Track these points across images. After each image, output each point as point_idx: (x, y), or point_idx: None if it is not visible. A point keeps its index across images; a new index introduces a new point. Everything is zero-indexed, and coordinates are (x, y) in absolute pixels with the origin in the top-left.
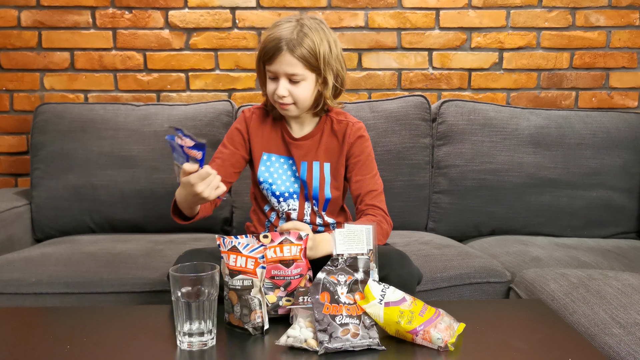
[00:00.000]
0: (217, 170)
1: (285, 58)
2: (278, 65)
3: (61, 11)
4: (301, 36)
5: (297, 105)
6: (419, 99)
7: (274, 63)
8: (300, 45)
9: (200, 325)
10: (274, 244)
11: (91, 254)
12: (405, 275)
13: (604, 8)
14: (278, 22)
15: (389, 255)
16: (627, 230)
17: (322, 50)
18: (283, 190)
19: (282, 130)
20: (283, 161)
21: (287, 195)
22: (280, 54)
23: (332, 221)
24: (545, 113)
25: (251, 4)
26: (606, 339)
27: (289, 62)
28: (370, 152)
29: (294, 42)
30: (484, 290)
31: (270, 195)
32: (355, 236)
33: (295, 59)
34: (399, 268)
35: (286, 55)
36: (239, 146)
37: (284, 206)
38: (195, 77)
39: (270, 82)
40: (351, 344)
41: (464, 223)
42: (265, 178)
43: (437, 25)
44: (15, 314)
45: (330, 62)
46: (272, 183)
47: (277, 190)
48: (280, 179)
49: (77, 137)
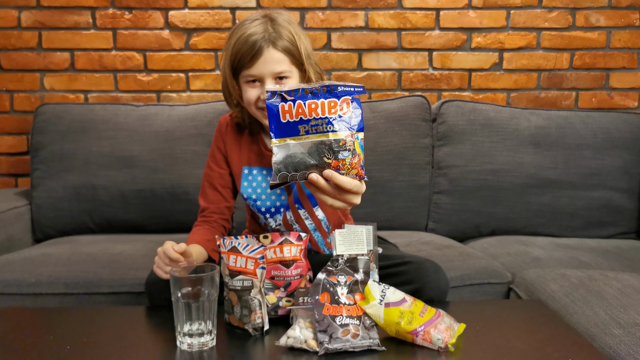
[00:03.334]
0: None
1: (270, 55)
2: (262, 65)
3: (61, 11)
4: (277, 29)
5: None
6: (419, 99)
7: (257, 64)
8: (281, 38)
9: (200, 325)
10: (274, 245)
11: (91, 255)
12: (443, 286)
13: (604, 8)
14: (242, 23)
15: (424, 266)
16: (627, 231)
17: (300, 39)
18: (269, 206)
19: (260, 142)
20: (266, 173)
21: (273, 210)
22: (262, 53)
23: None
24: (546, 113)
25: (251, 4)
26: (606, 340)
27: (274, 58)
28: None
29: (273, 35)
30: (484, 291)
31: (256, 211)
32: (355, 237)
33: (280, 53)
34: (436, 279)
35: (270, 51)
36: (223, 164)
37: (272, 223)
38: (196, 77)
39: (249, 89)
40: (351, 345)
41: (464, 223)
42: (249, 194)
43: (437, 26)
44: (15, 314)
45: (310, 55)
46: (257, 199)
47: (263, 206)
48: (264, 193)
49: (77, 138)
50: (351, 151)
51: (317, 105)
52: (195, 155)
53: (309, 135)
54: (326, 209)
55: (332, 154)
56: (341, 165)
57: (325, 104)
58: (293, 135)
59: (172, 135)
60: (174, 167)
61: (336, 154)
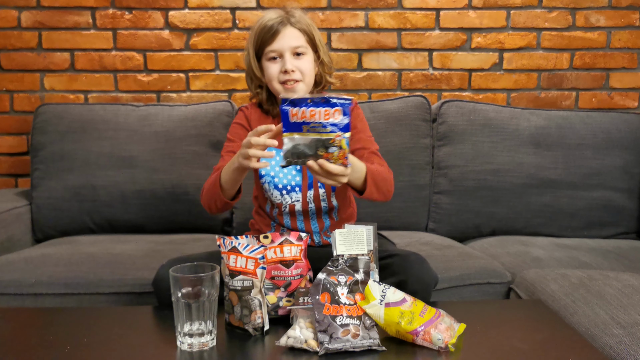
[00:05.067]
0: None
1: (288, 31)
2: (282, 40)
3: (61, 12)
4: (293, 14)
5: (304, 81)
6: (419, 100)
7: (277, 40)
8: (298, 22)
9: (200, 325)
10: (274, 245)
11: (91, 255)
12: (427, 280)
13: (604, 8)
14: (263, 15)
15: (409, 259)
16: (628, 231)
17: (315, 31)
18: (285, 183)
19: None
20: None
21: (289, 188)
22: (282, 29)
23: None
24: (546, 113)
25: (251, 5)
26: (606, 340)
27: (292, 34)
28: (364, 118)
29: (291, 18)
30: (484, 291)
31: (272, 188)
32: (355, 237)
33: (297, 30)
34: (420, 273)
35: (289, 28)
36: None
37: (287, 199)
38: (196, 77)
39: (271, 65)
40: (351, 345)
41: (464, 223)
42: (267, 171)
43: (437, 26)
44: (15, 314)
45: (323, 46)
46: (275, 176)
47: (280, 183)
48: (282, 171)
49: (77, 138)
50: (338, 147)
51: (315, 112)
52: (195, 155)
53: (309, 133)
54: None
55: (325, 149)
56: (330, 157)
57: (322, 112)
58: (298, 131)
59: (172, 136)
60: (174, 167)
61: (327, 148)
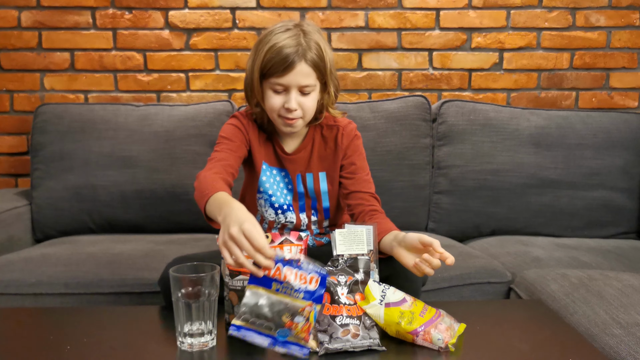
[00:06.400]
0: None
1: (301, 68)
2: (292, 77)
3: (61, 11)
4: (308, 41)
5: (304, 119)
6: (419, 99)
7: (287, 75)
8: (310, 50)
9: (200, 325)
10: (274, 245)
11: (91, 255)
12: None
13: (604, 8)
14: (275, 31)
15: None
16: (628, 231)
17: (327, 54)
18: (282, 203)
19: (274, 144)
20: (276, 173)
21: (285, 207)
22: (294, 66)
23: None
24: (546, 113)
25: (251, 4)
26: (607, 340)
27: (304, 72)
28: (363, 152)
29: (304, 48)
30: (484, 291)
31: (268, 206)
32: (355, 237)
33: (309, 67)
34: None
35: (301, 65)
36: (241, 143)
37: (282, 218)
38: (196, 77)
39: (275, 96)
40: (351, 345)
41: (464, 223)
42: (265, 189)
43: (437, 26)
44: (15, 314)
45: (332, 70)
46: (272, 195)
47: (277, 202)
48: (279, 190)
49: (77, 138)
50: (305, 319)
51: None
52: (195, 155)
53: (277, 293)
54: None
55: (290, 316)
56: (293, 327)
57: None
58: (266, 287)
59: (172, 135)
60: (174, 167)
61: (293, 317)
